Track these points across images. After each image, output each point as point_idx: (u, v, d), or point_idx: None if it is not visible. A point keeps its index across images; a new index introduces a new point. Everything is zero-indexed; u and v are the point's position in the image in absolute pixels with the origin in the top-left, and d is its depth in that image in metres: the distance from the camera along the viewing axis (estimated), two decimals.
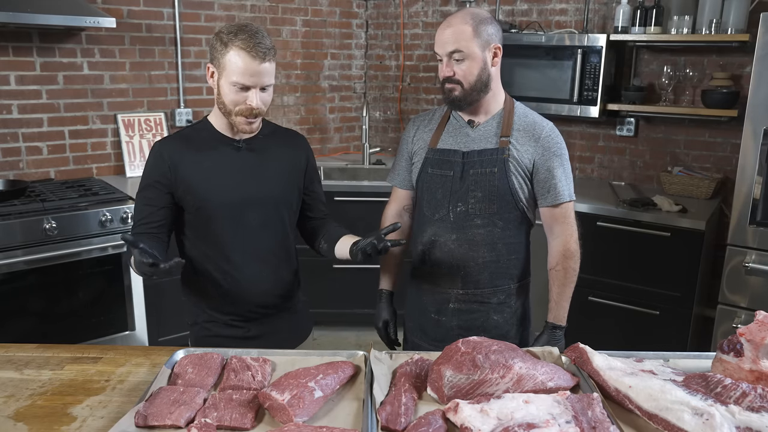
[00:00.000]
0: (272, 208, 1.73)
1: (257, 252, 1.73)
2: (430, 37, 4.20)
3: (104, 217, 2.75)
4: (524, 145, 1.74)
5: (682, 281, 2.89)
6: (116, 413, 1.26)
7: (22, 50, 3.03)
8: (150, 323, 2.94)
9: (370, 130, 4.15)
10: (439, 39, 1.71)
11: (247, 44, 1.55)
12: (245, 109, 1.61)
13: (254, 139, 1.72)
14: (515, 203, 1.74)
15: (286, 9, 3.99)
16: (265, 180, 1.71)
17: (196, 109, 3.68)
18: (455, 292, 1.79)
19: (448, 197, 1.76)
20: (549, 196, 1.75)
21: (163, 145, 1.70)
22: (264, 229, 1.72)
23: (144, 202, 1.67)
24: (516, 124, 1.76)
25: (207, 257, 1.73)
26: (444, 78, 1.73)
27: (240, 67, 1.56)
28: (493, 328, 1.79)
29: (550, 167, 1.73)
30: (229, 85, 1.59)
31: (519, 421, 1.13)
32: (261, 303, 1.76)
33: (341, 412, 1.27)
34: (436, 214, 1.78)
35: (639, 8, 3.15)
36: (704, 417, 1.13)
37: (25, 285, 2.61)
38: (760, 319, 1.30)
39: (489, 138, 1.76)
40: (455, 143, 1.79)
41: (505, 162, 1.72)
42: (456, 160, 1.76)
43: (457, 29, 1.69)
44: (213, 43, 1.62)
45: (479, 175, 1.73)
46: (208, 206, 1.67)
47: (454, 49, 1.69)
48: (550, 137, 1.75)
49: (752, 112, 2.60)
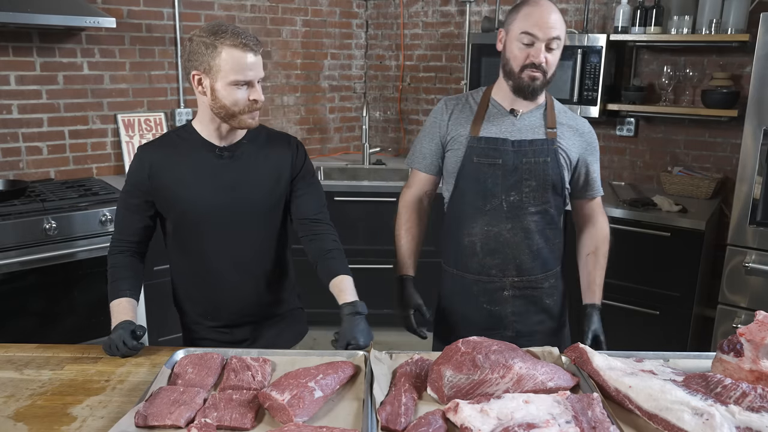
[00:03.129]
0: (252, 216, 1.70)
1: (237, 260, 1.71)
2: (430, 37, 4.20)
3: (104, 217, 2.75)
4: (570, 139, 1.77)
5: (682, 281, 2.89)
6: (116, 413, 1.26)
7: (22, 50, 3.03)
8: (150, 323, 2.94)
9: (370, 130, 4.16)
10: (541, 21, 1.63)
11: (236, 41, 1.53)
12: (249, 105, 1.59)
13: (238, 145, 1.69)
14: (562, 193, 1.79)
15: (286, 9, 3.99)
16: (246, 188, 1.68)
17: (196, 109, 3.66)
18: (510, 280, 1.79)
19: (500, 186, 1.75)
20: (589, 189, 1.85)
21: (145, 151, 1.68)
22: (244, 237, 1.70)
23: (123, 206, 1.70)
24: (559, 118, 1.78)
25: (188, 264, 1.74)
26: (531, 64, 1.66)
27: (238, 64, 1.53)
28: (544, 311, 1.84)
29: (591, 162, 1.82)
30: (228, 86, 1.55)
31: (519, 421, 1.13)
32: (242, 310, 1.75)
33: (341, 412, 1.27)
34: (488, 204, 1.76)
35: (639, 8, 3.15)
36: (704, 417, 1.13)
37: (25, 285, 2.61)
38: (760, 319, 1.30)
39: (535, 128, 1.76)
40: (500, 132, 1.75)
41: (556, 152, 1.74)
42: (506, 149, 1.73)
43: (559, 18, 1.65)
44: (194, 49, 1.55)
45: (533, 164, 1.73)
46: (187, 214, 1.67)
47: (556, 35, 1.64)
48: (592, 134, 1.83)
49: (752, 112, 2.60)
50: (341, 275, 1.66)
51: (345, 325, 1.54)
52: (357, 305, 1.58)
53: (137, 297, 1.65)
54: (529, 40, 1.65)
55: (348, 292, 1.62)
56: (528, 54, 1.66)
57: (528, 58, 1.66)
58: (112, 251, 1.70)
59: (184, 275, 1.76)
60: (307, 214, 1.75)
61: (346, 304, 1.59)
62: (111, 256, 1.70)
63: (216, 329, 1.77)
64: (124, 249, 1.69)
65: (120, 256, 1.69)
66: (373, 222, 3.44)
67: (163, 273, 2.91)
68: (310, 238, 1.74)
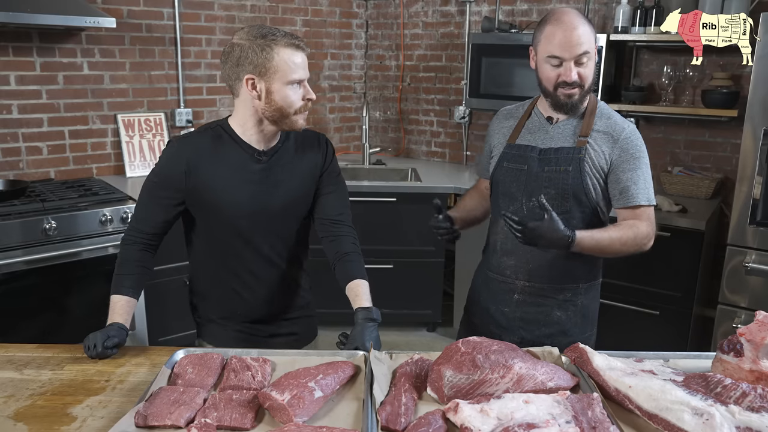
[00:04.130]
0: (288, 218, 1.71)
1: (269, 260, 1.71)
2: (430, 37, 4.21)
3: (104, 217, 2.75)
4: (602, 146, 1.72)
5: (682, 281, 2.89)
6: (116, 413, 1.26)
7: (22, 50, 3.03)
8: (150, 323, 2.94)
9: (370, 130, 4.16)
10: (565, 41, 1.62)
11: (289, 41, 1.55)
12: (305, 104, 1.60)
13: (275, 149, 1.68)
14: (588, 202, 1.73)
15: (286, 9, 3.99)
16: (283, 191, 1.68)
17: (196, 109, 3.68)
18: (521, 283, 1.80)
19: (522, 191, 1.77)
20: (621, 197, 1.72)
21: (183, 145, 1.66)
22: (278, 237, 1.71)
23: (149, 196, 1.67)
24: (596, 125, 1.74)
25: (216, 263, 1.73)
26: (563, 83, 1.66)
27: (296, 63, 1.55)
28: (554, 324, 1.81)
29: (626, 169, 1.71)
30: (286, 86, 1.55)
31: (519, 421, 1.13)
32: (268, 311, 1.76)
33: (341, 412, 1.27)
34: (510, 207, 1.79)
35: (639, 8, 3.15)
36: (704, 417, 1.13)
37: (25, 285, 2.61)
38: (760, 319, 1.30)
39: (567, 136, 1.75)
40: (533, 140, 1.78)
41: (580, 161, 1.71)
42: (532, 156, 1.76)
43: (584, 30, 1.63)
44: (245, 53, 1.53)
45: (553, 173, 1.72)
46: (222, 216, 1.66)
47: (584, 51, 1.63)
48: (629, 139, 1.71)
49: (752, 112, 2.60)
50: (358, 279, 1.66)
51: (357, 330, 1.54)
52: (372, 312, 1.58)
53: (138, 296, 1.65)
54: (557, 61, 1.65)
55: (363, 297, 1.62)
56: (559, 74, 1.66)
57: (560, 77, 1.66)
58: (126, 241, 1.68)
59: (209, 274, 1.76)
60: (328, 215, 1.75)
61: (361, 309, 1.59)
62: (123, 246, 1.68)
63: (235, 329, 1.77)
64: (138, 241, 1.67)
65: (132, 249, 1.67)
66: (373, 222, 3.44)
67: (163, 273, 2.93)
68: (330, 239, 1.73)
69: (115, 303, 1.60)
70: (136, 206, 1.71)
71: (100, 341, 1.46)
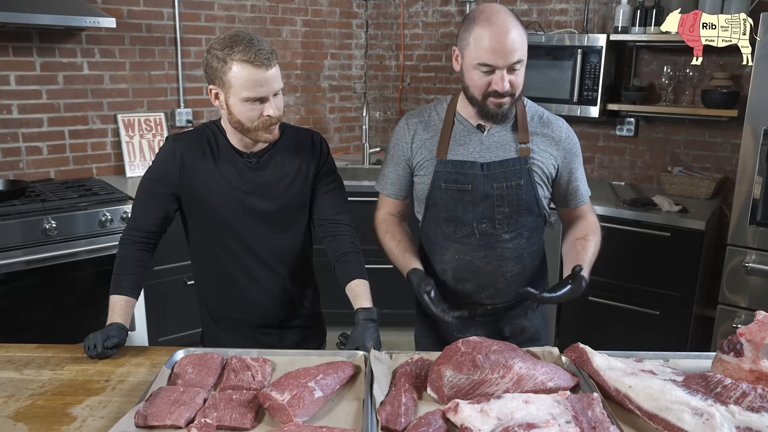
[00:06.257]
0: (280, 218, 1.70)
1: (263, 261, 1.71)
2: (430, 37, 4.20)
3: (104, 217, 2.75)
4: (545, 151, 1.63)
5: (682, 281, 2.89)
6: (116, 413, 1.26)
7: (22, 50, 3.03)
8: (150, 323, 2.94)
9: (370, 130, 4.15)
10: (498, 46, 1.45)
11: (247, 55, 1.46)
12: (264, 121, 1.54)
13: (264, 151, 1.67)
14: (539, 211, 1.67)
15: (286, 9, 3.99)
16: (274, 192, 1.67)
17: (196, 109, 3.67)
18: (482, 308, 1.72)
19: (470, 214, 1.63)
20: (573, 199, 1.71)
21: (178, 143, 1.66)
22: (271, 238, 1.70)
23: (146, 193, 1.67)
24: (531, 126, 1.63)
25: (211, 264, 1.73)
26: (494, 92, 1.51)
27: (249, 81, 1.47)
28: (519, 333, 1.76)
29: (572, 170, 1.68)
30: (241, 102, 1.50)
31: (519, 421, 1.13)
32: (267, 313, 1.75)
33: (341, 412, 1.27)
34: (459, 233, 1.66)
35: (639, 8, 3.15)
36: (704, 417, 1.13)
37: (24, 285, 2.61)
38: (760, 319, 1.30)
39: (506, 145, 1.62)
40: (468, 153, 1.63)
41: (530, 172, 1.61)
42: (474, 173, 1.61)
43: (517, 33, 1.46)
44: (208, 62, 1.51)
45: (504, 189, 1.60)
46: (213, 216, 1.66)
47: (518, 59, 1.48)
48: (569, 138, 1.67)
49: (752, 112, 2.60)
50: (357, 279, 1.65)
51: (357, 330, 1.53)
52: (372, 312, 1.57)
53: (137, 295, 1.65)
54: (488, 69, 1.49)
55: (364, 297, 1.61)
56: (489, 82, 1.51)
57: (490, 86, 1.51)
58: (124, 241, 1.68)
59: (207, 275, 1.76)
60: (326, 214, 1.73)
61: (362, 310, 1.58)
62: (122, 245, 1.68)
63: (235, 331, 1.76)
64: (136, 239, 1.68)
65: (131, 248, 1.67)
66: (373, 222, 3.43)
67: (163, 273, 2.93)
68: (329, 239, 1.73)
69: (114, 303, 1.60)
70: (134, 205, 1.71)
71: (100, 341, 1.46)
